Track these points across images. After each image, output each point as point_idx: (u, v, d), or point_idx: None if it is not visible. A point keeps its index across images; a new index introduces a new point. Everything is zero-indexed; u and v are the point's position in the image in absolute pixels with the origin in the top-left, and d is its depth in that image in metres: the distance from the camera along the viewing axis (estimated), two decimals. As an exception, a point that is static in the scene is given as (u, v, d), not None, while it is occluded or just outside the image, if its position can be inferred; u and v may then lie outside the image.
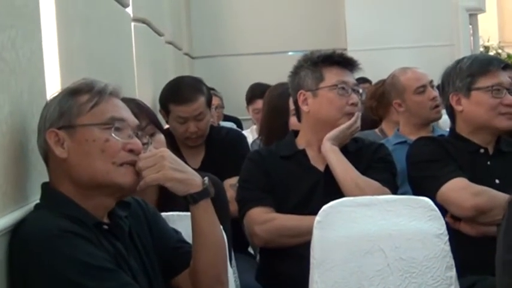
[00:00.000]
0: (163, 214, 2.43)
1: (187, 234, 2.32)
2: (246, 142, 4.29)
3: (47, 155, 2.11)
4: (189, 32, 8.72)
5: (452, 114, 3.34)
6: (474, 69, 3.24)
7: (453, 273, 2.73)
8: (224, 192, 3.02)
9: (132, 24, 4.52)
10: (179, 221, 2.47)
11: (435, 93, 4.11)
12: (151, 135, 2.72)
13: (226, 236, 2.44)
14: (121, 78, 3.89)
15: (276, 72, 3.64)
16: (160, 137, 2.83)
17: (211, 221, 2.26)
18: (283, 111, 3.89)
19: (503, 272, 2.05)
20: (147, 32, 5.07)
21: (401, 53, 8.00)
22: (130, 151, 2.10)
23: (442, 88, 3.38)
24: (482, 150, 3.24)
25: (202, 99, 3.92)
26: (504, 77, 3.27)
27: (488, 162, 3.22)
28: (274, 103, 4.02)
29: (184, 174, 2.20)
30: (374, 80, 5.34)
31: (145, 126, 2.71)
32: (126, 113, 2.16)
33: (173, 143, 3.83)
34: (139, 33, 4.66)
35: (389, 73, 4.39)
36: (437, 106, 4.12)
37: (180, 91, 3.94)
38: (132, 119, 2.16)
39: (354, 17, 8.48)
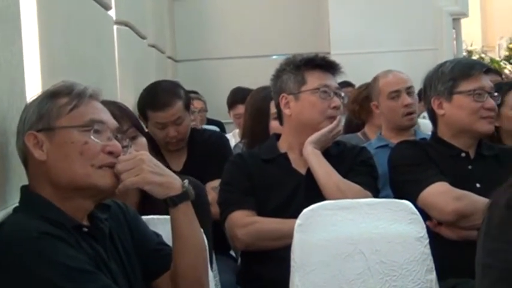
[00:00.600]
0: (144, 217, 2.43)
1: (168, 238, 2.32)
2: (229, 145, 4.29)
3: (26, 157, 2.10)
4: (173, 35, 8.70)
5: (434, 118, 3.35)
6: (456, 73, 3.25)
7: (433, 276, 2.74)
8: (205, 195, 3.02)
9: (115, 27, 4.51)
10: (160, 224, 2.47)
11: (409, 100, 4.11)
12: (133, 138, 2.72)
13: (207, 239, 2.44)
14: (103, 81, 3.88)
15: (260, 76, 3.64)
16: (142, 140, 2.82)
17: (192, 223, 2.26)
18: (266, 114, 3.90)
19: (483, 275, 2.05)
20: (130, 35, 5.06)
21: (385, 57, 8.00)
22: (110, 153, 2.10)
23: (424, 92, 3.38)
24: (463, 154, 3.25)
25: (179, 104, 3.90)
26: (486, 81, 3.28)
27: (470, 166, 3.23)
28: (257, 106, 4.02)
29: (163, 177, 2.20)
30: (357, 84, 5.34)
31: (126, 129, 2.70)
32: (105, 115, 2.15)
33: (155, 146, 3.82)
34: (121, 36, 4.64)
35: (372, 77, 4.40)
36: (410, 113, 4.12)
37: (157, 97, 3.91)
38: (111, 122, 2.16)
39: (338, 21, 8.48)
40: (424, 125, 4.55)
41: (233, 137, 5.93)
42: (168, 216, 2.26)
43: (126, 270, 2.19)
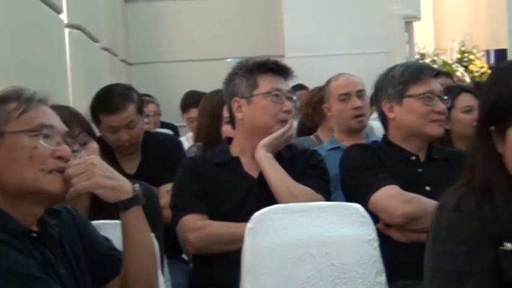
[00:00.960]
0: (94, 222, 2.42)
1: (118, 243, 2.31)
2: (182, 148, 4.28)
3: None
4: (126, 38, 8.66)
5: (384, 121, 3.38)
6: (406, 76, 3.28)
7: (383, 278, 2.76)
8: (157, 199, 3.02)
9: (66, 30, 4.47)
10: (110, 229, 2.45)
11: (359, 102, 4.14)
12: (84, 143, 2.71)
13: (159, 243, 2.44)
14: (54, 85, 3.84)
15: (215, 79, 3.63)
16: (93, 145, 2.81)
17: (142, 228, 2.26)
18: (220, 118, 3.90)
19: (432, 277, 2.08)
20: (82, 38, 5.02)
21: (339, 60, 8.03)
22: (59, 158, 2.08)
23: (375, 96, 3.41)
24: (413, 158, 3.28)
25: (132, 107, 3.88)
26: (435, 85, 3.32)
27: (420, 170, 3.26)
28: (213, 110, 4.02)
29: (114, 181, 2.19)
30: (311, 87, 5.36)
31: (78, 134, 2.69)
32: (55, 120, 2.14)
33: (108, 150, 3.79)
34: (73, 39, 4.61)
35: (326, 80, 4.42)
36: (359, 116, 4.15)
37: (109, 101, 3.89)
38: (61, 126, 2.15)
39: (292, 24, 8.51)
40: (378, 128, 4.58)
41: (186, 141, 5.92)
42: (118, 221, 2.25)
43: (76, 276, 2.18)
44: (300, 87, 6.54)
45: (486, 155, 2.08)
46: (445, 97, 3.33)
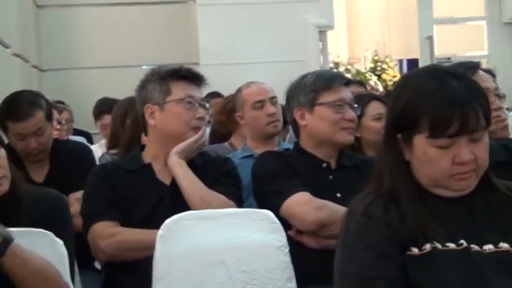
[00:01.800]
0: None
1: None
2: (92, 156, 4.23)
3: None
4: (38, 44, 8.51)
5: (296, 128, 3.41)
6: (317, 85, 3.32)
7: (293, 284, 2.78)
8: (67, 208, 2.97)
9: (-25, 36, 4.39)
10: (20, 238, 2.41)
11: (273, 109, 4.16)
12: (-9, 151, 2.65)
13: (69, 252, 2.41)
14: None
15: (130, 86, 3.60)
16: (1, 152, 2.75)
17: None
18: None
19: (341, 282, 2.10)
20: (-8, 44, 4.94)
21: (254, 68, 8.07)
22: None
23: (287, 103, 3.44)
24: (324, 165, 3.32)
25: (40, 114, 3.83)
26: (346, 93, 3.36)
27: (330, 177, 3.30)
28: (136, 116, 3.99)
29: None
30: (226, 95, 5.37)
31: (-16, 140, 2.64)
32: None
33: (16, 157, 3.71)
34: (-18, 45, 4.53)
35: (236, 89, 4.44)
36: (273, 122, 4.18)
37: (16, 108, 3.82)
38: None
39: (206, 32, 8.51)
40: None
41: (100, 148, 5.86)
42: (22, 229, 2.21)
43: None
44: (215, 94, 6.55)
45: (393, 162, 2.12)
46: (356, 105, 3.38)
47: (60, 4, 8.83)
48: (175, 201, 3.13)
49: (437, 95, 2.02)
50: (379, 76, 14.22)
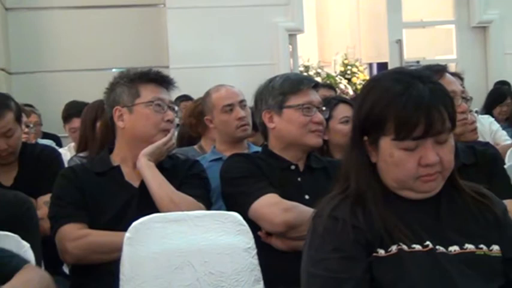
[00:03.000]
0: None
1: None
2: (61, 159, 4.20)
3: None
4: (7, 47, 8.45)
5: (265, 131, 3.41)
6: (286, 87, 3.33)
7: (261, 286, 2.79)
8: (34, 211, 2.96)
9: None
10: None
11: (243, 113, 4.17)
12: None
13: (36, 256, 2.39)
14: None
15: (99, 89, 3.59)
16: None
17: None
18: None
19: (308, 284, 2.11)
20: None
21: (224, 71, 8.08)
22: None
23: (256, 106, 3.44)
24: (293, 167, 3.33)
25: (10, 116, 3.80)
26: (314, 96, 3.37)
27: (299, 179, 3.31)
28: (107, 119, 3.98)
29: None
30: (196, 98, 5.37)
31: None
32: None
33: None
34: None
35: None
36: (243, 125, 4.19)
37: None
38: None
39: (176, 36, 8.51)
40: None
41: (69, 151, 5.84)
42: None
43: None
44: (185, 97, 6.56)
45: (360, 164, 2.14)
46: (324, 108, 3.39)
47: (29, 7, 8.77)
48: (143, 204, 3.12)
49: (403, 97, 2.03)
50: (349, 79, 14.30)
